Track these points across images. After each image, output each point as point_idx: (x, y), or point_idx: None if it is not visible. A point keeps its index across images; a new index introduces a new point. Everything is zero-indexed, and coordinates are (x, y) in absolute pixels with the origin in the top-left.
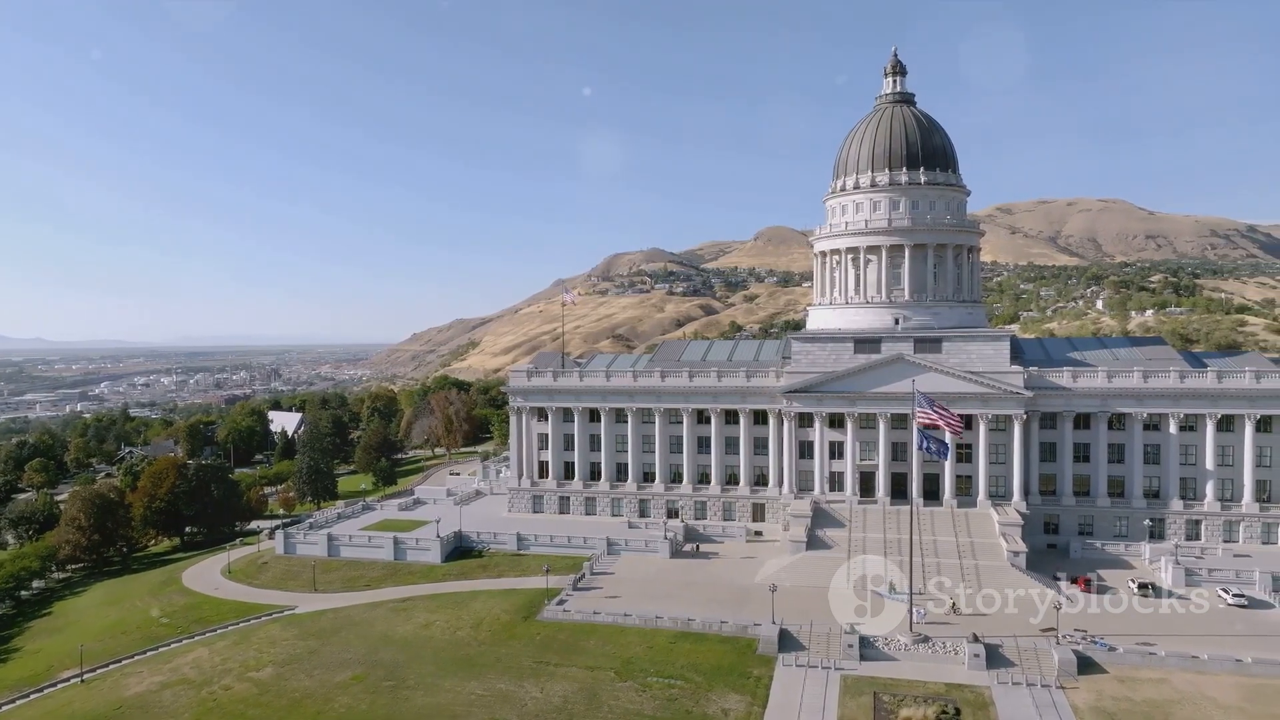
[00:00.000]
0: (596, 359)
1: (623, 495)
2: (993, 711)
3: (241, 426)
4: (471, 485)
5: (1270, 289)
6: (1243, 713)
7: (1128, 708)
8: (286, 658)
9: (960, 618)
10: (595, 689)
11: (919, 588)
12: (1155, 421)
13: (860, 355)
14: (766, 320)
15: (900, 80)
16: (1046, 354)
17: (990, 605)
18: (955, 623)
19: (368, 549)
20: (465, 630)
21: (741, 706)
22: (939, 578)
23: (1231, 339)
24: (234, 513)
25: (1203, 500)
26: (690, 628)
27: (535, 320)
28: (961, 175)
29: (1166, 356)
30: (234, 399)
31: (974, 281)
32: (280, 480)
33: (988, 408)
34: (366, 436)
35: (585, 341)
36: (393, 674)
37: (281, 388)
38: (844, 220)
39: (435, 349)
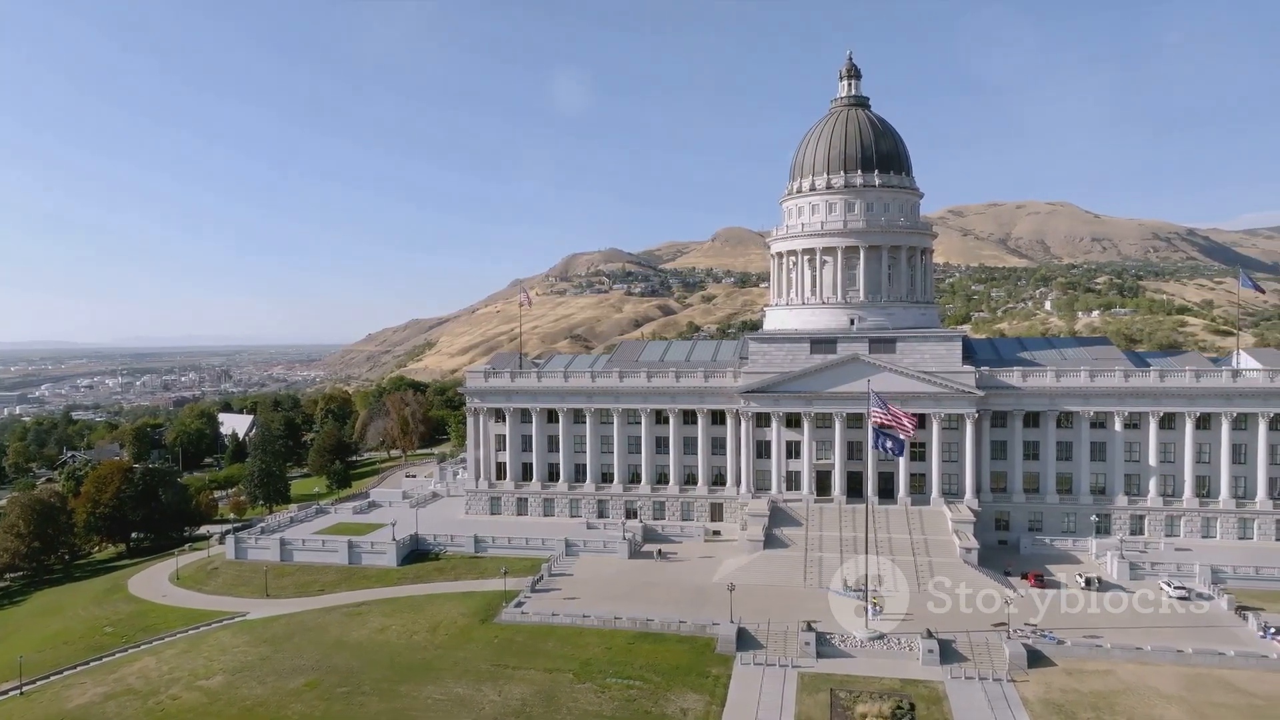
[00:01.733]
0: (554, 359)
1: (581, 496)
2: (946, 706)
3: (190, 429)
4: (428, 487)
5: (1209, 290)
6: (1183, 701)
7: (1075, 699)
8: (237, 665)
9: (917, 613)
10: (553, 691)
11: (874, 585)
12: (1101, 420)
13: (816, 355)
14: (724, 321)
15: (855, 84)
16: (997, 354)
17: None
18: (910, 619)
19: (322, 553)
20: (422, 634)
21: (700, 706)
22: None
23: (1173, 339)
24: (183, 518)
25: (1146, 496)
26: (649, 628)
27: (493, 321)
28: (915, 178)
29: (1112, 356)
30: (183, 401)
31: (927, 282)
32: (231, 484)
33: (941, 407)
34: (320, 439)
35: (543, 342)
36: (347, 680)
37: (232, 389)
38: (800, 222)
39: (391, 349)
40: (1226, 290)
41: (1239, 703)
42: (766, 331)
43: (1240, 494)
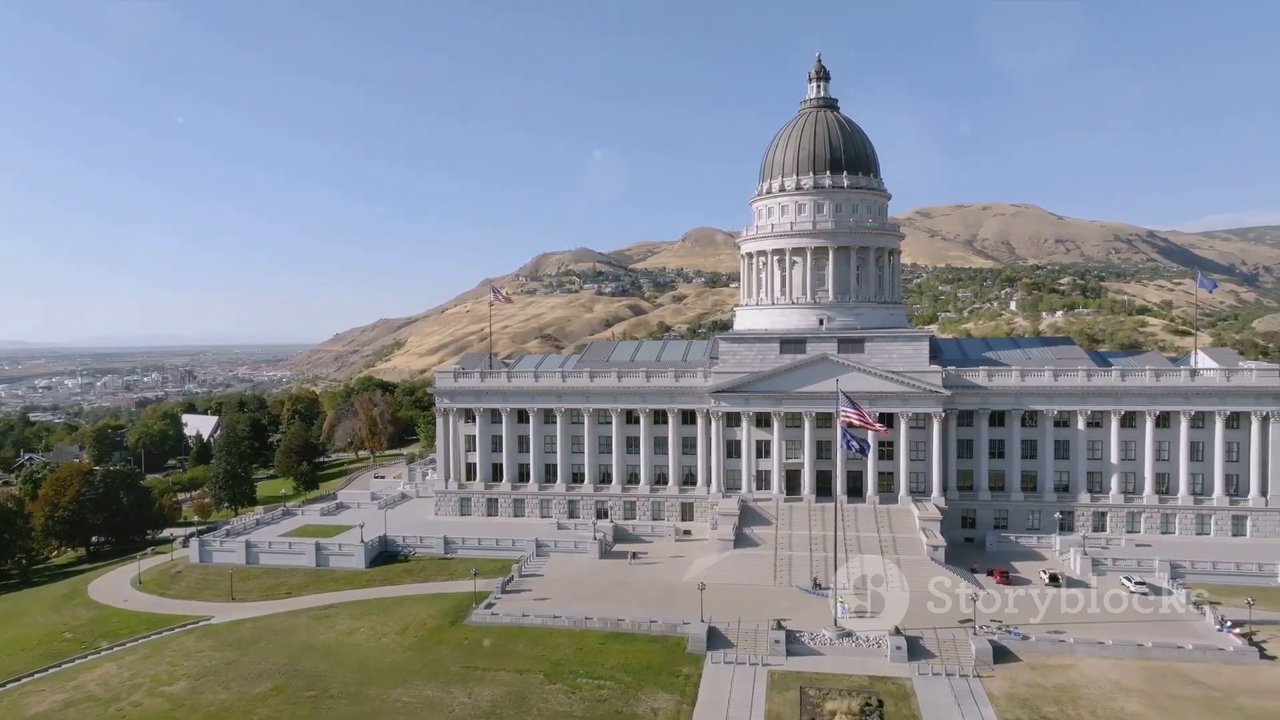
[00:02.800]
0: (524, 359)
1: (551, 496)
2: (914, 702)
3: (153, 430)
4: (397, 488)
5: (1168, 291)
6: (1143, 694)
7: (1039, 693)
8: (201, 670)
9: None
10: (524, 692)
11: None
12: (1065, 419)
13: (786, 355)
14: (694, 320)
15: (824, 85)
16: (963, 354)
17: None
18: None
19: (288, 555)
20: (390, 636)
21: (671, 705)
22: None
23: (1134, 339)
24: (145, 521)
25: (1108, 493)
26: (620, 628)
27: (462, 320)
28: (882, 179)
29: (1075, 356)
30: (145, 402)
31: (895, 283)
32: (195, 486)
33: (908, 406)
34: (287, 440)
35: (513, 342)
36: (315, 683)
37: (196, 390)
38: (770, 222)
39: (359, 349)
40: (1185, 291)
41: (1197, 694)
42: (737, 331)
43: (1198, 491)
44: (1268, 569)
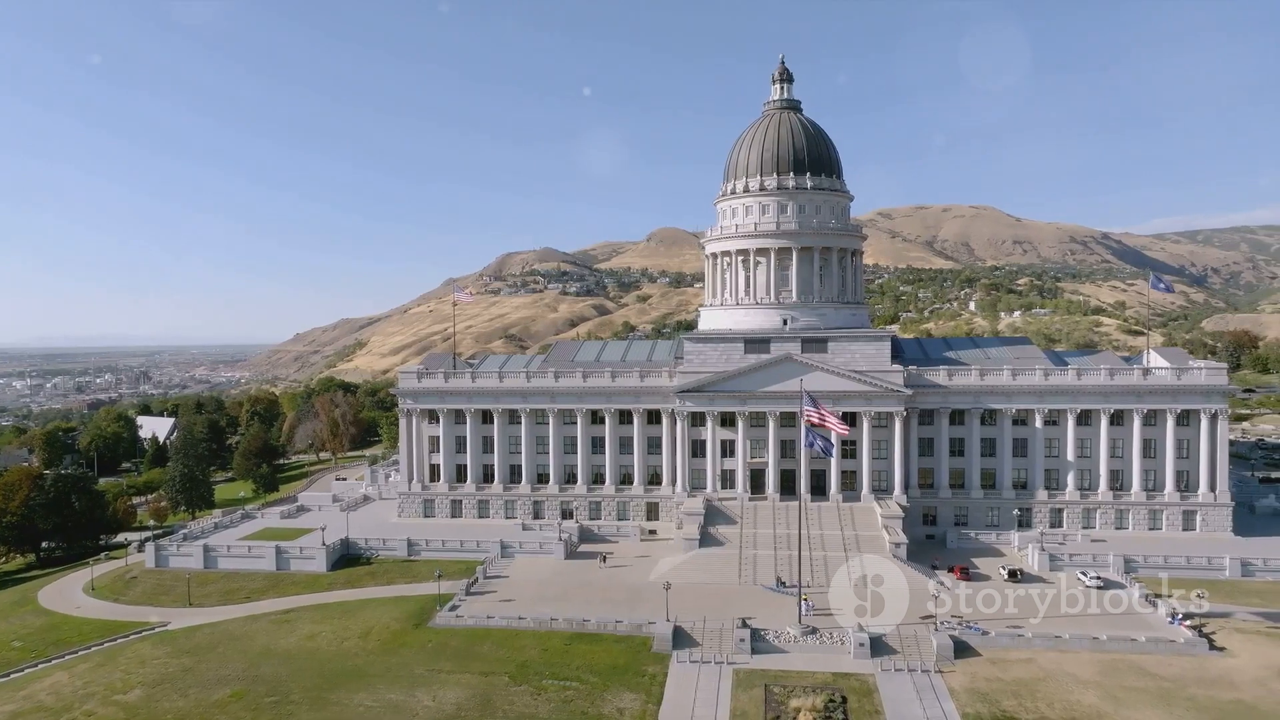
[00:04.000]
0: (489, 360)
1: (517, 497)
2: (877, 698)
3: (107, 433)
4: (359, 490)
5: (1121, 292)
6: (1099, 686)
7: (999, 687)
8: (158, 678)
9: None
10: (489, 694)
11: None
12: (1023, 417)
13: (750, 355)
14: (659, 320)
15: (788, 87)
16: (924, 353)
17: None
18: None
19: (248, 559)
20: (353, 640)
21: (636, 705)
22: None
23: (1089, 339)
24: (98, 526)
25: (1064, 490)
26: (585, 628)
27: (425, 320)
28: (845, 181)
29: (1032, 355)
30: (98, 403)
31: (857, 283)
32: (151, 489)
33: (871, 405)
34: (246, 441)
35: (477, 342)
36: (275, 689)
37: (152, 391)
38: (734, 223)
39: (320, 350)
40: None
41: (1149, 685)
42: (701, 331)
43: (1150, 487)
44: (1216, 562)
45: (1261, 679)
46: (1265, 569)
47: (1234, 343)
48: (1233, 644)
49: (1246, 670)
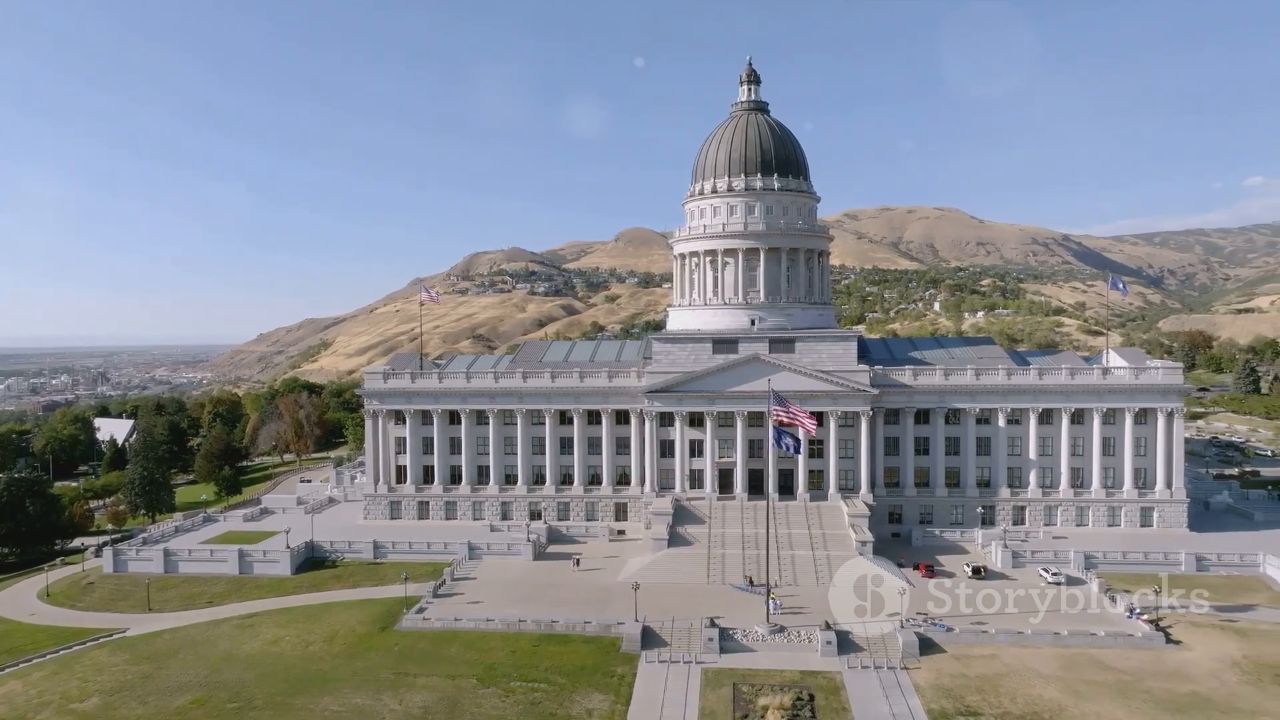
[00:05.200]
0: (456, 360)
1: (484, 498)
2: (844, 695)
3: (63, 435)
4: (324, 492)
5: (1081, 293)
6: (1060, 680)
7: (963, 683)
8: (116, 685)
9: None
10: (457, 697)
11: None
12: (986, 416)
13: (719, 355)
14: (628, 320)
15: (755, 89)
16: (890, 353)
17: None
18: (809, 611)
19: (210, 563)
20: (318, 644)
21: (605, 705)
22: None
23: (1050, 339)
24: (53, 530)
25: (1027, 488)
26: (554, 630)
27: (392, 320)
28: (812, 182)
29: (995, 356)
30: (54, 405)
31: (824, 284)
32: (109, 493)
33: (837, 405)
34: (208, 444)
35: (444, 342)
36: (238, 695)
37: (110, 392)
38: (702, 223)
39: (284, 350)
40: (1098, 293)
41: (1108, 679)
42: (670, 332)
43: (1110, 484)
44: (1172, 557)
45: (1215, 671)
46: (1219, 564)
47: (1189, 343)
48: (1188, 637)
49: (1201, 663)
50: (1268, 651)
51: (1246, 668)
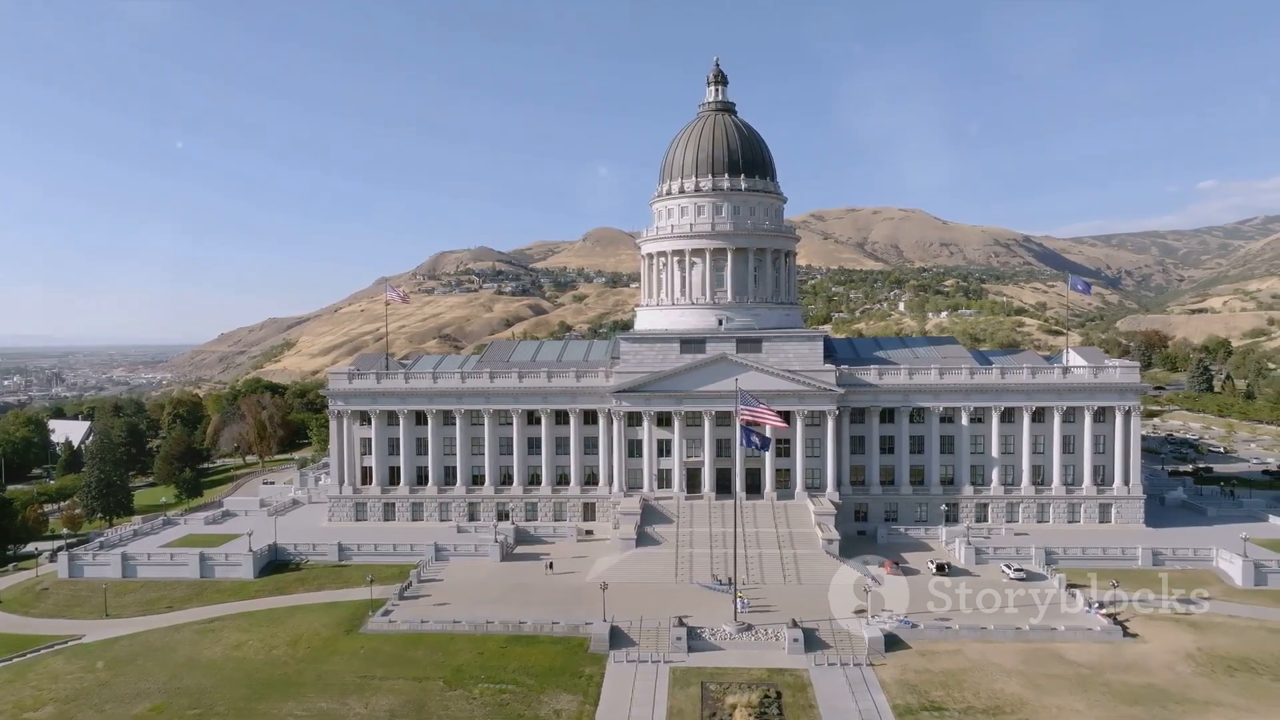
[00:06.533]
0: (423, 360)
1: (451, 499)
2: (811, 692)
3: (15, 438)
4: (288, 494)
5: (1042, 293)
6: (1021, 675)
7: (928, 679)
8: (71, 693)
9: (782, 604)
10: (423, 700)
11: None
12: (950, 415)
13: (686, 355)
14: (596, 320)
15: (722, 89)
16: (856, 353)
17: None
18: (777, 609)
19: (170, 567)
20: (281, 648)
21: (573, 706)
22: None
23: (1012, 338)
24: (6, 535)
25: (989, 485)
26: (522, 631)
27: (357, 320)
28: (779, 182)
29: (959, 355)
30: (5, 407)
31: (791, 284)
32: (65, 496)
33: (804, 404)
34: (167, 445)
35: (410, 342)
36: (199, 701)
37: (65, 394)
38: (670, 223)
39: (246, 350)
40: (1058, 293)
41: (1068, 673)
42: (638, 331)
43: (1070, 481)
44: (1129, 553)
45: (1169, 663)
46: (1174, 558)
47: (1145, 342)
48: (1145, 630)
49: (1157, 655)
50: (1220, 643)
51: (1200, 659)
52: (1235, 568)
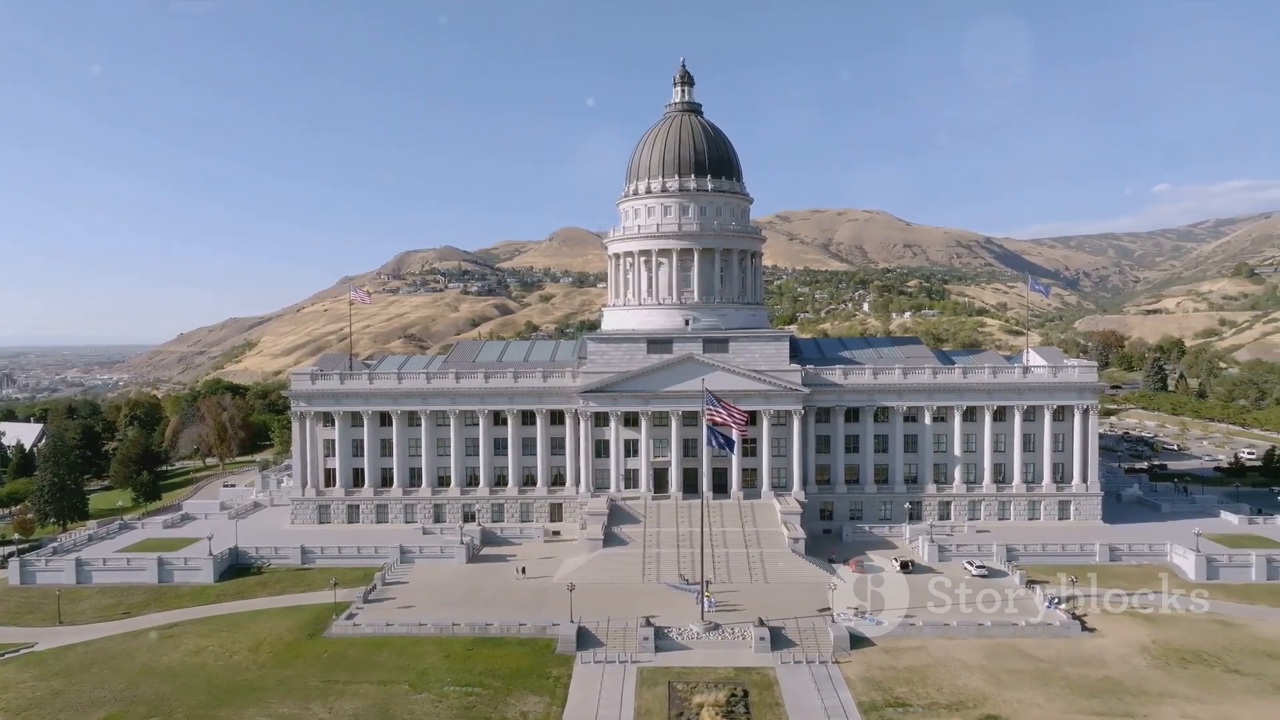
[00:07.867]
0: (387, 360)
1: (416, 501)
2: (777, 690)
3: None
4: (249, 497)
5: (1003, 294)
6: (984, 670)
7: (892, 675)
8: (22, 703)
9: (749, 603)
10: (388, 704)
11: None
12: (913, 414)
13: (653, 355)
14: (563, 320)
15: (689, 90)
16: (821, 353)
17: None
18: (743, 608)
19: (127, 572)
20: (243, 654)
21: (540, 708)
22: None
23: (974, 338)
24: None
25: (952, 483)
26: (488, 632)
27: (320, 320)
28: (745, 183)
29: (922, 355)
30: None
31: (757, 284)
32: (15, 501)
33: (770, 404)
34: (124, 448)
35: (375, 342)
36: (157, 708)
37: (16, 395)
38: (636, 224)
39: (206, 350)
40: (1018, 294)
41: (1029, 667)
42: (604, 332)
43: (1030, 479)
44: (1088, 549)
45: (1126, 656)
46: (1130, 554)
47: (1103, 342)
48: (1102, 625)
49: (1113, 649)
50: (1174, 636)
51: (1155, 652)
52: (1189, 562)
